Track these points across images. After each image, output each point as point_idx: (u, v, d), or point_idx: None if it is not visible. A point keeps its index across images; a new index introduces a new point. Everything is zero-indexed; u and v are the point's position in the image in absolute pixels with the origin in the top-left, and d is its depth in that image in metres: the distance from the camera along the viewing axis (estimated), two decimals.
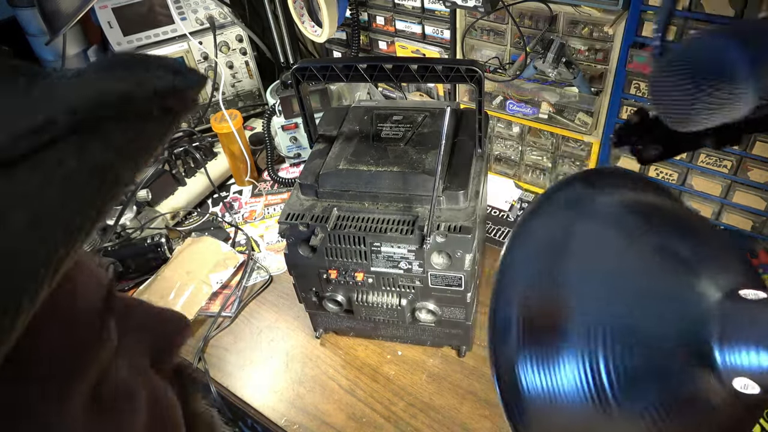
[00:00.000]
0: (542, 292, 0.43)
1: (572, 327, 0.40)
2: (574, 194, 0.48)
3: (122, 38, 1.37)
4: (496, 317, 0.43)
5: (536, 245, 0.45)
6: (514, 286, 0.43)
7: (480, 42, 1.16)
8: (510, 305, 0.42)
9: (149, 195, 1.27)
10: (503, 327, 0.42)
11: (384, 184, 0.84)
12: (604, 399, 0.38)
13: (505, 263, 0.45)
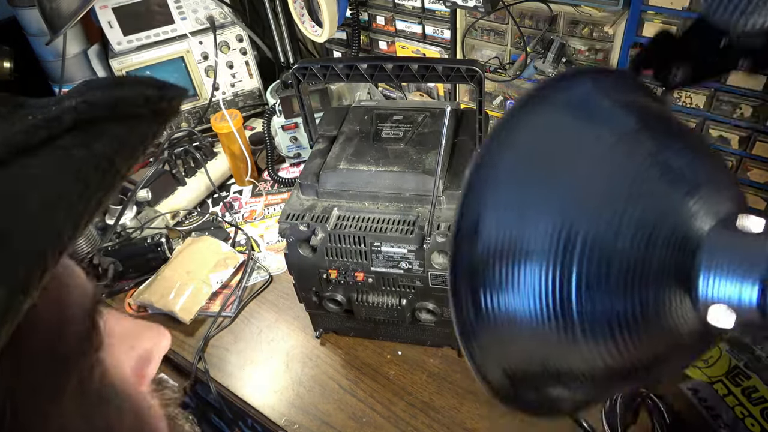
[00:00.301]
0: (519, 194, 0.39)
1: (547, 231, 0.36)
2: (566, 92, 0.43)
3: (122, 38, 1.37)
4: (463, 217, 0.39)
5: (519, 144, 0.41)
6: (488, 185, 0.40)
7: (480, 42, 1.16)
8: (482, 206, 0.39)
9: (149, 195, 1.27)
10: (469, 228, 0.39)
11: (384, 184, 0.84)
12: (569, 312, 0.36)
13: (484, 160, 0.40)
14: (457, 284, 0.39)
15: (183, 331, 1.09)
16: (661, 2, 0.90)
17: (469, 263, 0.39)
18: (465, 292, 0.39)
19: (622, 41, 0.97)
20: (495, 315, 0.38)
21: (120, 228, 1.24)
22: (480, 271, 0.38)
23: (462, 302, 0.39)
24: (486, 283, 0.38)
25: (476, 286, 0.39)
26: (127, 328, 0.33)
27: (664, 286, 0.36)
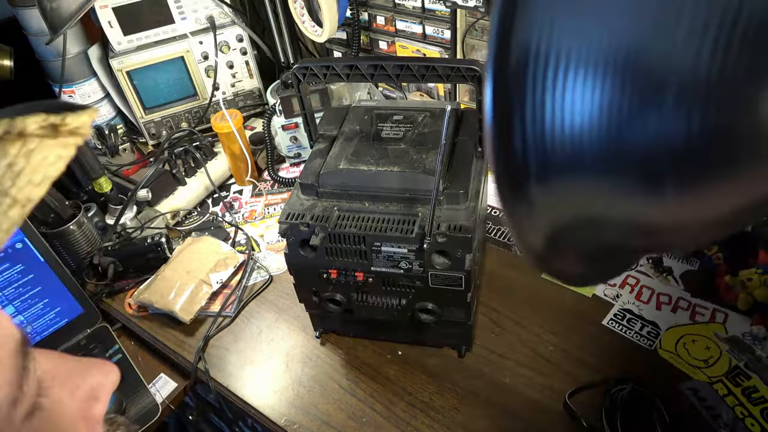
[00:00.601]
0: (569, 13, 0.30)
1: (613, 43, 0.29)
2: None
3: (122, 38, 1.37)
4: (508, 42, 0.31)
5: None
6: (535, 6, 0.31)
7: (480, 42, 1.16)
8: (528, 29, 0.31)
9: (149, 195, 1.27)
10: (519, 54, 0.31)
11: (384, 184, 0.84)
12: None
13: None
14: (506, 122, 0.32)
15: (183, 331, 1.09)
16: None
17: (520, 95, 0.31)
18: (517, 130, 0.31)
19: None
20: (553, 153, 0.31)
21: (120, 228, 1.24)
22: (533, 102, 0.31)
23: (512, 145, 0.32)
24: (542, 116, 0.31)
25: (529, 119, 0.31)
26: (70, 367, 0.32)
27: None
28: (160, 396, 1.02)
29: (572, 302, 1.05)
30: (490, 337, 1.01)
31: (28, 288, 1.06)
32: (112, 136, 1.48)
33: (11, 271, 1.04)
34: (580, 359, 0.96)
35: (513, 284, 1.09)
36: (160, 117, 1.49)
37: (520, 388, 0.93)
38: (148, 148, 1.52)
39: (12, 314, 1.05)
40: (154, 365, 1.09)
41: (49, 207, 1.11)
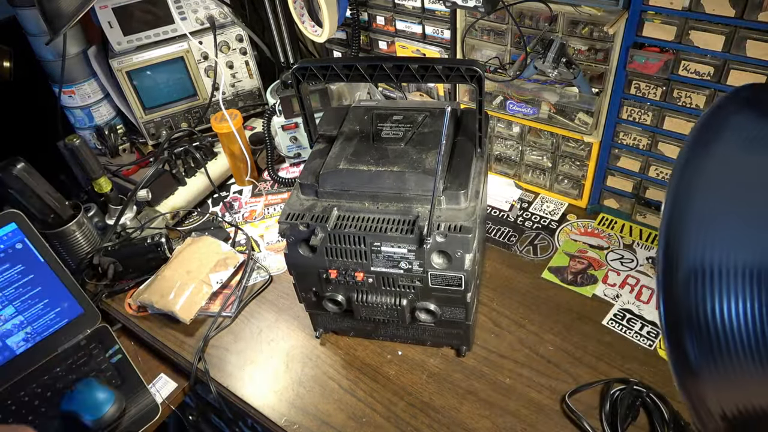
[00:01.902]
0: (727, 229, 0.39)
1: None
2: (740, 121, 0.43)
3: (122, 38, 1.37)
4: (670, 262, 0.39)
5: (707, 182, 0.41)
6: (690, 233, 0.40)
7: (480, 42, 1.16)
8: (688, 252, 0.39)
9: (149, 195, 1.27)
10: (683, 273, 0.39)
11: (384, 184, 0.84)
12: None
13: (678, 200, 0.41)
14: (672, 321, 0.39)
15: (183, 331, 1.09)
16: (661, 2, 0.90)
17: (686, 306, 0.39)
18: (685, 330, 0.39)
19: (622, 41, 0.97)
20: (717, 355, 0.38)
21: (120, 228, 1.24)
22: (697, 311, 0.38)
23: (682, 342, 0.39)
24: (706, 323, 0.38)
25: (695, 326, 0.38)
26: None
27: None
28: (160, 396, 1.02)
29: (572, 302, 1.05)
30: (490, 337, 1.01)
31: (28, 288, 1.06)
32: (112, 136, 1.48)
33: (11, 271, 1.04)
34: (580, 359, 0.96)
35: (513, 284, 1.09)
36: (160, 117, 1.49)
37: (520, 388, 0.93)
38: (148, 148, 1.52)
39: (12, 314, 1.05)
40: (154, 365, 1.09)
41: (49, 207, 1.11)
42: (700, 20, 0.89)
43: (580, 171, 1.21)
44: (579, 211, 1.24)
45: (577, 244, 1.16)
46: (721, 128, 0.43)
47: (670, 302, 0.39)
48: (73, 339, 1.10)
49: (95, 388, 0.97)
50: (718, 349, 0.38)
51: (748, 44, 0.86)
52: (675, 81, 0.97)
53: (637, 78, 1.00)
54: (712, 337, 0.38)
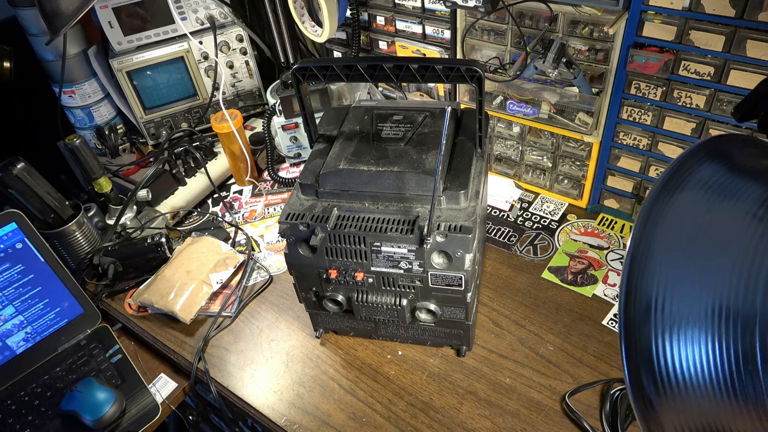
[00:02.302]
0: (680, 276, 0.43)
1: (711, 309, 0.40)
2: (699, 172, 0.47)
3: (122, 38, 1.37)
4: (631, 300, 0.43)
5: (667, 229, 0.45)
6: (651, 270, 0.43)
7: (480, 42, 1.16)
8: (648, 290, 0.43)
9: (149, 195, 1.27)
10: (640, 310, 0.43)
11: (384, 184, 0.84)
12: (745, 386, 0.38)
13: (640, 247, 0.45)
14: (633, 364, 0.43)
15: (183, 331, 1.09)
16: (661, 2, 0.90)
17: (643, 338, 0.42)
18: (642, 371, 0.42)
19: (622, 41, 0.97)
20: (673, 390, 0.41)
21: (120, 228, 1.24)
22: (657, 344, 0.42)
23: (641, 382, 0.42)
24: (663, 362, 0.41)
25: (652, 363, 0.42)
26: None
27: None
28: (160, 396, 1.02)
29: (572, 302, 1.05)
30: (490, 337, 1.01)
31: (28, 288, 1.06)
32: (112, 136, 1.48)
33: (11, 271, 1.04)
34: (580, 359, 0.96)
35: (513, 284, 1.09)
36: (160, 117, 1.49)
37: (520, 388, 0.93)
38: (148, 148, 1.52)
39: (12, 314, 1.05)
40: (154, 365, 1.09)
41: (49, 207, 1.11)
42: (700, 20, 0.89)
43: (580, 171, 1.21)
44: (579, 211, 1.24)
45: (577, 244, 1.16)
46: (687, 177, 0.47)
47: (629, 340, 0.43)
48: (73, 339, 1.10)
49: (95, 388, 0.97)
50: (675, 388, 0.41)
51: (748, 44, 0.86)
52: (675, 81, 0.97)
53: (637, 78, 1.00)
54: (669, 376, 0.41)
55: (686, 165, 0.48)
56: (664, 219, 0.45)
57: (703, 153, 0.49)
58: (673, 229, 0.45)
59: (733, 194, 0.45)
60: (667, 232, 0.45)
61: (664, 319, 0.42)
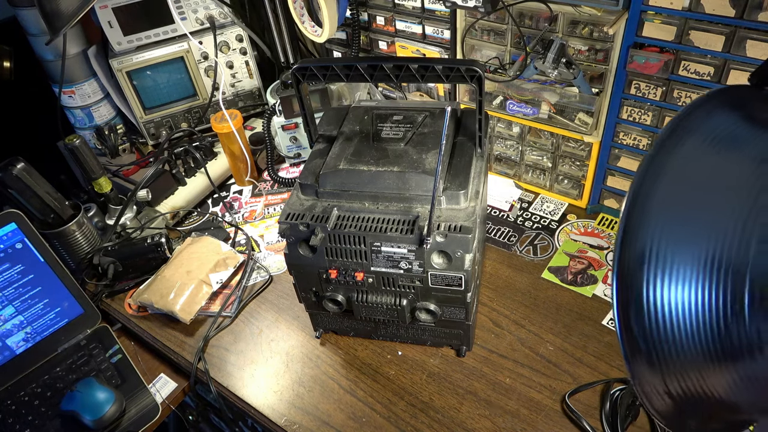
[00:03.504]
0: (678, 224, 0.43)
1: (709, 256, 0.40)
2: (707, 119, 0.46)
3: (122, 38, 1.37)
4: (626, 247, 0.43)
5: (670, 176, 0.45)
6: (646, 221, 0.43)
7: (480, 42, 1.16)
8: (642, 241, 0.43)
9: (149, 195, 1.27)
10: (634, 258, 0.43)
11: (384, 184, 0.84)
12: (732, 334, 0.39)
13: (641, 190, 0.44)
14: (623, 307, 0.43)
15: (183, 331, 1.09)
16: (661, 2, 0.90)
17: (634, 287, 0.43)
18: (632, 314, 0.43)
19: (622, 41, 0.97)
20: (665, 334, 0.42)
21: (120, 228, 1.24)
22: (648, 293, 0.42)
23: (630, 324, 0.43)
24: (653, 306, 0.42)
25: (641, 306, 0.42)
26: None
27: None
28: (160, 396, 1.02)
29: (572, 302, 1.05)
30: (490, 337, 1.01)
31: (28, 288, 1.06)
32: (112, 136, 1.48)
33: (11, 271, 1.04)
34: (580, 359, 0.96)
35: (513, 284, 1.09)
36: (160, 117, 1.49)
37: (520, 388, 0.93)
38: (148, 148, 1.52)
39: (12, 314, 1.05)
40: (154, 365, 1.09)
41: (49, 207, 1.11)
42: (700, 20, 0.89)
43: (580, 171, 1.21)
44: (579, 211, 1.24)
45: (577, 244, 1.16)
46: (696, 125, 0.46)
47: (622, 283, 0.43)
48: (73, 339, 1.10)
49: (95, 388, 0.97)
50: (663, 332, 0.42)
51: (748, 44, 0.86)
52: (675, 81, 0.97)
53: (637, 78, 1.00)
54: (658, 320, 0.42)
55: (696, 113, 0.47)
56: (668, 166, 0.45)
57: (715, 102, 0.48)
58: (676, 176, 0.44)
59: (742, 143, 0.44)
60: (669, 179, 0.44)
61: (657, 264, 0.42)
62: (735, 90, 0.51)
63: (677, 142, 0.46)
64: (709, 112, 0.47)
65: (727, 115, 0.47)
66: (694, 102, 0.48)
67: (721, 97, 0.49)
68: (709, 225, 0.41)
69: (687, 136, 0.46)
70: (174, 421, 1.39)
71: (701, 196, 0.43)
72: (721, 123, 0.46)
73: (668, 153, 0.46)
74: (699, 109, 0.47)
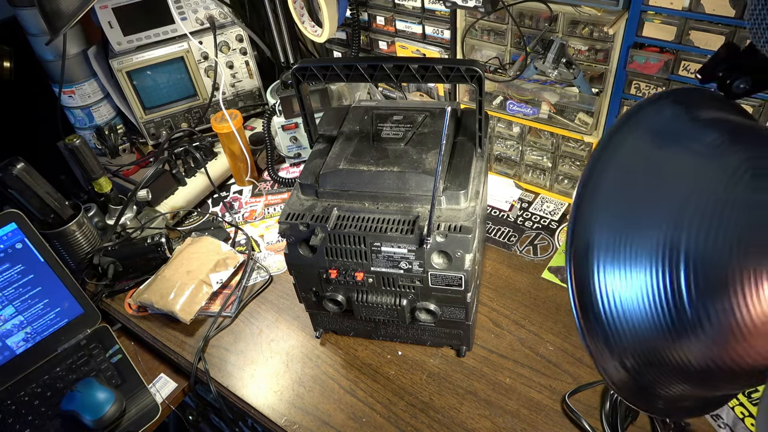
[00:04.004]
0: (624, 213, 0.46)
1: (654, 243, 0.43)
2: (655, 116, 0.49)
3: (122, 38, 1.37)
4: (575, 238, 0.47)
5: (618, 167, 0.47)
6: (596, 206, 0.46)
7: (480, 42, 1.16)
8: (592, 225, 0.46)
9: (149, 195, 1.27)
10: (582, 247, 0.46)
11: (384, 184, 0.84)
12: (680, 312, 0.41)
13: (589, 182, 0.47)
14: (579, 299, 0.46)
15: (183, 331, 1.09)
16: (661, 2, 0.90)
17: (584, 273, 0.46)
18: (586, 306, 0.46)
19: (622, 41, 0.97)
20: (614, 315, 0.45)
21: (120, 228, 1.24)
22: (597, 279, 0.45)
23: (586, 312, 0.46)
24: (604, 291, 0.45)
25: (594, 290, 0.45)
26: None
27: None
28: (160, 396, 1.02)
29: None
30: (490, 337, 1.01)
31: (28, 288, 1.06)
32: (112, 136, 1.48)
33: (11, 271, 1.04)
34: (580, 359, 0.96)
35: (513, 284, 1.09)
36: (160, 117, 1.49)
37: (520, 388, 0.93)
38: (148, 148, 1.52)
39: (12, 314, 1.05)
40: (154, 365, 1.09)
41: (49, 207, 1.11)
42: (700, 20, 0.89)
43: (580, 171, 1.21)
44: None
45: None
46: (642, 121, 0.50)
47: (575, 271, 0.46)
48: (73, 339, 1.10)
49: (95, 388, 0.97)
50: (614, 315, 0.45)
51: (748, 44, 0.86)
52: (675, 81, 0.97)
53: (637, 78, 1.00)
54: (609, 304, 0.45)
55: (649, 108, 0.50)
56: (614, 159, 0.48)
57: (667, 99, 0.51)
58: (621, 166, 0.48)
59: (686, 137, 0.47)
60: (614, 172, 0.47)
61: (605, 252, 0.45)
62: (684, 90, 0.54)
63: (625, 137, 0.49)
64: (657, 109, 0.50)
65: (672, 112, 0.50)
66: (644, 100, 0.51)
67: (670, 97, 0.52)
68: (649, 214, 0.44)
69: (634, 130, 0.49)
70: (174, 421, 1.39)
71: (642, 187, 0.46)
72: (666, 120, 0.49)
73: (615, 147, 0.48)
74: (648, 107, 0.50)
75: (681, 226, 0.42)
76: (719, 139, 0.45)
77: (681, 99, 0.52)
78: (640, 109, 0.50)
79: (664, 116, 0.50)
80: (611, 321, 0.45)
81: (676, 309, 0.42)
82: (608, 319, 0.45)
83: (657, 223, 0.43)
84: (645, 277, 0.43)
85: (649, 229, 0.43)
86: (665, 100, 0.51)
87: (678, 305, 0.41)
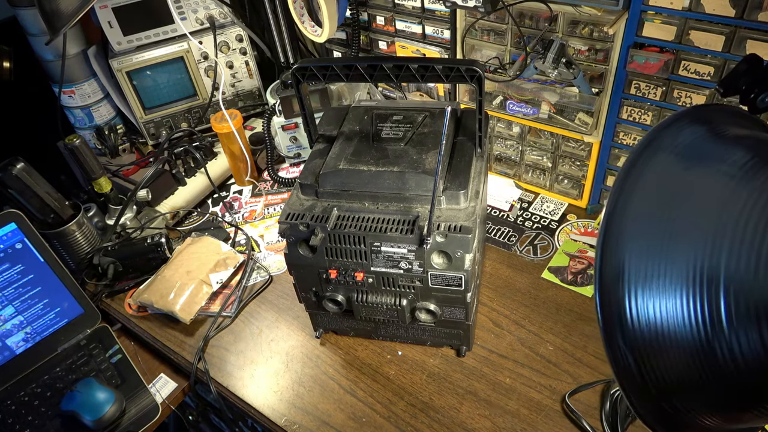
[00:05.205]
0: (655, 239, 0.44)
1: (689, 269, 0.41)
2: (677, 136, 0.48)
3: (122, 38, 1.37)
4: (605, 262, 0.45)
5: (645, 192, 0.46)
6: (625, 232, 0.45)
7: (480, 42, 1.16)
8: (622, 252, 0.45)
9: (149, 195, 1.27)
10: (613, 272, 0.44)
11: (384, 184, 0.84)
12: (715, 341, 0.40)
13: (616, 209, 0.46)
14: (607, 324, 0.45)
15: (183, 331, 1.09)
16: (661, 2, 0.90)
17: (616, 301, 0.44)
18: (616, 331, 0.44)
19: (622, 41, 0.97)
20: (648, 351, 0.43)
21: (120, 228, 1.24)
22: (628, 306, 0.44)
23: (615, 338, 0.44)
24: (635, 318, 0.43)
25: (623, 321, 0.44)
26: None
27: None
28: (160, 396, 1.02)
29: (572, 302, 1.05)
30: (490, 337, 1.01)
31: (28, 288, 1.06)
32: (112, 136, 1.48)
33: (11, 271, 1.04)
34: (580, 359, 0.96)
35: (513, 284, 1.09)
36: (160, 117, 1.49)
37: (520, 388, 0.93)
38: (148, 148, 1.52)
39: (12, 314, 1.05)
40: (154, 365, 1.09)
41: (49, 207, 1.11)
42: (700, 20, 0.89)
43: (580, 171, 1.21)
44: (579, 211, 1.24)
45: (577, 244, 1.16)
46: (668, 141, 0.48)
47: (604, 299, 0.45)
48: (73, 339, 1.10)
49: (95, 388, 0.97)
50: (647, 346, 0.43)
51: (748, 44, 0.86)
52: (675, 81, 0.97)
53: (637, 78, 1.00)
54: (642, 335, 0.43)
55: (668, 130, 0.49)
56: (640, 183, 0.47)
57: (686, 119, 0.50)
58: (648, 191, 0.46)
59: (712, 158, 0.46)
60: (642, 195, 0.46)
61: (633, 279, 0.43)
62: (704, 108, 0.53)
63: (648, 160, 0.48)
64: (679, 129, 0.49)
65: (695, 132, 0.49)
66: (664, 120, 0.50)
67: (690, 116, 0.50)
68: (681, 238, 0.43)
69: (658, 153, 0.48)
70: (174, 421, 1.39)
71: (673, 210, 0.45)
72: (689, 140, 0.48)
73: (640, 171, 0.47)
74: (669, 127, 0.49)
75: (717, 253, 0.40)
76: (746, 157, 0.44)
77: (701, 117, 0.51)
78: (660, 132, 0.49)
79: (685, 137, 0.48)
80: (648, 355, 0.44)
81: (715, 336, 0.40)
82: (645, 353, 0.44)
83: (691, 249, 0.42)
84: (681, 307, 0.41)
85: (683, 254, 0.42)
86: (681, 121, 0.50)
87: (717, 332, 0.40)
